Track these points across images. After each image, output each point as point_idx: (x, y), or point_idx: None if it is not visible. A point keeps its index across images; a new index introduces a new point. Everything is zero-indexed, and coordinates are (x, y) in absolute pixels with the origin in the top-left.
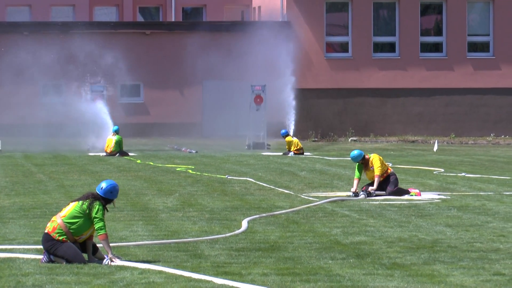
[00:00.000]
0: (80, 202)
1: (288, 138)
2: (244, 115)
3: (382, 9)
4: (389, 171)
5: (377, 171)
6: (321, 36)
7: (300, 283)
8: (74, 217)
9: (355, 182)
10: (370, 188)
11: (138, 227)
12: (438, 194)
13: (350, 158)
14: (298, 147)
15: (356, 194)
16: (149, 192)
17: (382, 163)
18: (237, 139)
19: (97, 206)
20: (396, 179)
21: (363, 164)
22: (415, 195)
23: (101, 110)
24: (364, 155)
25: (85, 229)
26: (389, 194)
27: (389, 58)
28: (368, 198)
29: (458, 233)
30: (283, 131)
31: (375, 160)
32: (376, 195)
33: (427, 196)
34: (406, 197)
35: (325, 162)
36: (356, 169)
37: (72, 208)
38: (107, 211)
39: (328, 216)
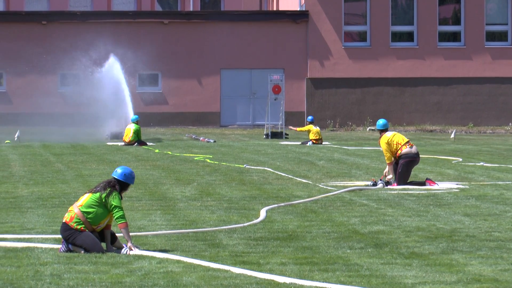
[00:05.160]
0: (98, 193)
1: (309, 126)
2: (262, 104)
3: None
4: (399, 152)
5: (386, 158)
6: (339, 25)
7: (318, 273)
8: (91, 206)
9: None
10: (387, 178)
11: (156, 217)
12: (457, 184)
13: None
14: (317, 137)
15: (374, 183)
16: (167, 182)
17: (387, 147)
18: (255, 129)
19: (115, 195)
20: (402, 165)
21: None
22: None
23: (122, 100)
24: (384, 129)
25: (102, 218)
26: (400, 185)
27: (407, 47)
28: (386, 187)
29: (477, 222)
30: (310, 117)
31: (381, 144)
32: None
33: (445, 185)
34: (424, 186)
35: (343, 152)
36: None
37: (88, 197)
38: (121, 198)
39: (346, 205)
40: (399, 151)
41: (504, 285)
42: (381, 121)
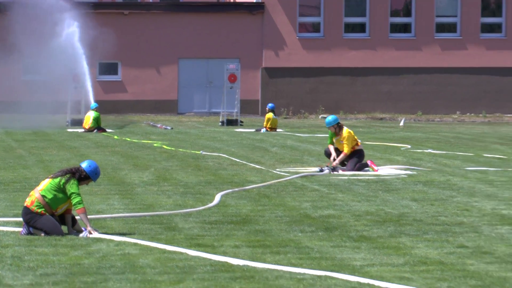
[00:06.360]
0: (58, 178)
1: (269, 115)
2: (219, 93)
3: None
4: (356, 147)
5: (346, 149)
6: (294, 17)
7: (270, 255)
8: (50, 190)
9: (331, 148)
10: (334, 163)
11: (114, 201)
12: (405, 170)
13: (325, 124)
14: (272, 126)
15: (321, 169)
16: (126, 167)
17: (352, 141)
18: (211, 116)
19: (73, 182)
20: (360, 156)
21: (335, 132)
22: (371, 170)
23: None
24: (338, 123)
25: (61, 202)
26: (350, 170)
27: (360, 38)
28: (335, 173)
29: (424, 207)
30: (271, 104)
31: (348, 136)
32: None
33: (393, 171)
34: (373, 172)
35: (296, 138)
36: (329, 136)
37: (48, 182)
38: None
39: (298, 190)
40: (356, 146)
41: (449, 268)
42: (332, 117)
